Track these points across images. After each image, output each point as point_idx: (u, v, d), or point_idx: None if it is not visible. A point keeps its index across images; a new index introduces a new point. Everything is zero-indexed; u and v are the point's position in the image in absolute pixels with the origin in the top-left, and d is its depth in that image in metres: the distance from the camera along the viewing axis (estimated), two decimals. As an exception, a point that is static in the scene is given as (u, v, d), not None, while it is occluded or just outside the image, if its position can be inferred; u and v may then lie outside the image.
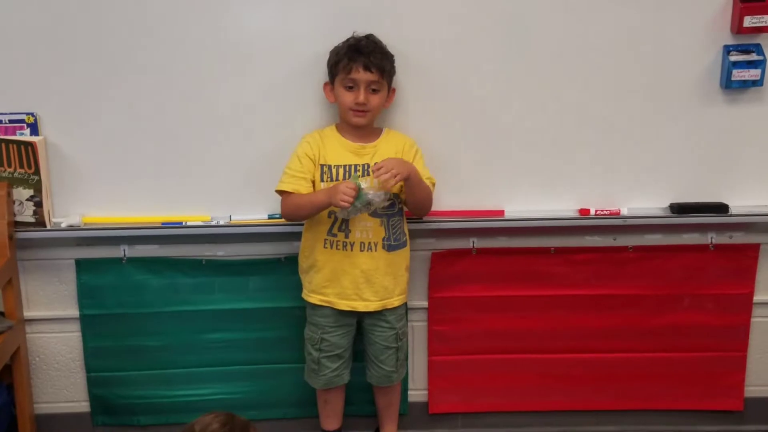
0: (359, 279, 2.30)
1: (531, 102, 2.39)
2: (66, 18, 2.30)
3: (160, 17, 2.30)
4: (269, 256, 2.54)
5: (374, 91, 2.21)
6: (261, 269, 2.55)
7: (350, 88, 2.21)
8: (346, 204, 2.11)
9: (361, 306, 2.33)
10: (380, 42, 2.24)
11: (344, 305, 2.33)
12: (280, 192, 2.30)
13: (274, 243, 2.52)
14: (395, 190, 2.25)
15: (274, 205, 2.40)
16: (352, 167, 2.27)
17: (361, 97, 2.19)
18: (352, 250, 2.28)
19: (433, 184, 2.33)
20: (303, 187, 2.26)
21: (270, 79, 2.35)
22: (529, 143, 2.43)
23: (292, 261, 2.47)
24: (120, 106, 2.37)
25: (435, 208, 2.41)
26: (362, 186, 2.13)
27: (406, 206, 2.32)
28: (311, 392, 2.53)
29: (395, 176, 2.11)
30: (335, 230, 2.28)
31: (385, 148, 2.29)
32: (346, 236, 2.28)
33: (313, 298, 2.37)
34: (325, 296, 2.34)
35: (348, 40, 2.22)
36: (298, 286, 2.44)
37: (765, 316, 2.61)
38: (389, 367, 2.43)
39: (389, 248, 2.31)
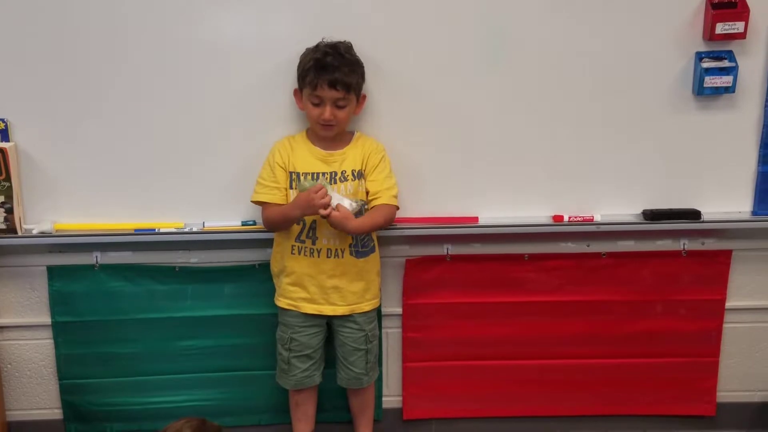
0: (326, 285, 2.31)
1: (505, 109, 2.39)
2: (36, 23, 2.27)
3: (134, 23, 2.29)
4: (243, 262, 2.53)
5: (340, 107, 2.20)
6: (235, 276, 2.54)
7: (317, 104, 2.20)
8: (327, 212, 2.14)
9: (328, 310, 2.35)
10: (348, 51, 2.22)
11: (312, 309, 2.34)
12: (257, 202, 2.30)
13: (248, 250, 2.51)
14: (361, 195, 2.29)
15: (248, 211, 2.41)
16: (320, 175, 2.27)
17: (327, 114, 2.19)
18: (319, 256, 2.29)
19: (395, 196, 2.32)
20: (277, 197, 2.28)
21: (244, 85, 2.34)
22: (503, 150, 2.43)
23: (265, 268, 2.46)
24: (92, 111, 2.35)
25: (409, 214, 2.43)
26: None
27: None
28: (285, 399, 2.53)
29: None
30: (303, 237, 2.29)
31: (352, 156, 2.30)
32: (313, 243, 2.29)
33: (282, 302, 2.39)
34: (293, 301, 2.35)
35: (315, 50, 2.20)
36: (272, 293, 2.44)
37: (737, 321, 2.63)
38: (359, 369, 2.43)
39: (357, 254, 2.32)
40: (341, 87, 2.16)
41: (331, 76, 2.14)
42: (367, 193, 2.30)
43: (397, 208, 2.34)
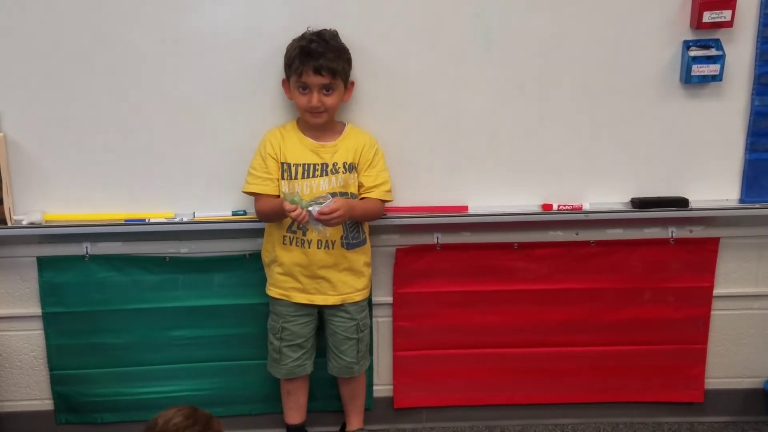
0: (317, 275, 2.32)
1: (494, 98, 2.40)
2: (26, 14, 2.27)
3: (123, 14, 2.28)
4: (233, 252, 2.53)
5: (328, 92, 2.20)
6: (225, 266, 2.54)
7: (304, 92, 2.20)
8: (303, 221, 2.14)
9: (319, 300, 2.36)
10: (334, 38, 2.22)
11: (303, 298, 2.35)
12: (249, 193, 2.31)
13: (239, 240, 2.52)
14: (352, 188, 2.30)
15: (238, 201, 2.41)
16: (311, 167, 2.27)
17: (314, 101, 2.19)
18: (309, 247, 2.30)
19: (387, 191, 2.34)
20: (270, 188, 2.28)
21: (233, 75, 2.34)
22: (493, 139, 2.43)
23: (256, 258, 2.47)
24: (81, 102, 2.35)
25: (399, 204, 2.44)
26: (303, 204, 2.13)
27: None
28: (277, 388, 2.54)
29: (339, 218, 2.15)
30: (294, 227, 2.30)
31: (344, 148, 2.30)
32: (303, 234, 2.29)
33: (274, 292, 2.39)
34: (285, 290, 2.36)
35: (301, 38, 2.21)
36: (263, 283, 2.44)
37: (725, 309, 2.64)
38: (350, 358, 2.44)
39: (348, 246, 2.33)
40: (326, 72, 2.16)
41: (315, 62, 2.14)
42: (361, 186, 2.31)
43: (390, 201, 2.37)
